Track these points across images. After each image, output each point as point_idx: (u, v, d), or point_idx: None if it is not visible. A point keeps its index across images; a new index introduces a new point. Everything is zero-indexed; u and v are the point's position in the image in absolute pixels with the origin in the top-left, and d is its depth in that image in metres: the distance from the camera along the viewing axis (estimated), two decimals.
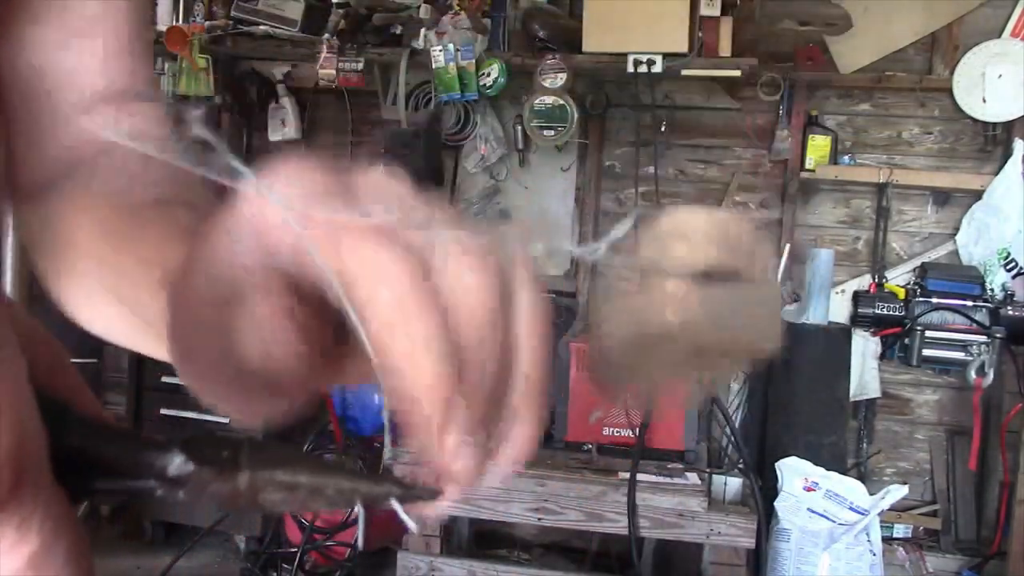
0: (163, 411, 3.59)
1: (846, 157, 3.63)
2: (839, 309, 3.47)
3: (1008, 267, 3.42)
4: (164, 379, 3.59)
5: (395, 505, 0.31)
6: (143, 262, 0.42)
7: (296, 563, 3.04)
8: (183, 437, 0.29)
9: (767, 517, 2.89)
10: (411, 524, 0.31)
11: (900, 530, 3.54)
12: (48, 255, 0.51)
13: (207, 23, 3.73)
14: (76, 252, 0.48)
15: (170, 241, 0.41)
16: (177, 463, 0.28)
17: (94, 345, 3.41)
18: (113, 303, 0.45)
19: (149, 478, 0.29)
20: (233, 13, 3.70)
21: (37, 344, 0.29)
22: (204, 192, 0.48)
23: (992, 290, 3.35)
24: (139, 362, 3.64)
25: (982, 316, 3.26)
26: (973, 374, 3.26)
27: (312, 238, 0.29)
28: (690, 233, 0.35)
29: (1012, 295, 3.31)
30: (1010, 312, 3.23)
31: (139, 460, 0.29)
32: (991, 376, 3.26)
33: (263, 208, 0.29)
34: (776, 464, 3.02)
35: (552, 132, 3.46)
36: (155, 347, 0.42)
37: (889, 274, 3.59)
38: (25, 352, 0.25)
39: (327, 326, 0.32)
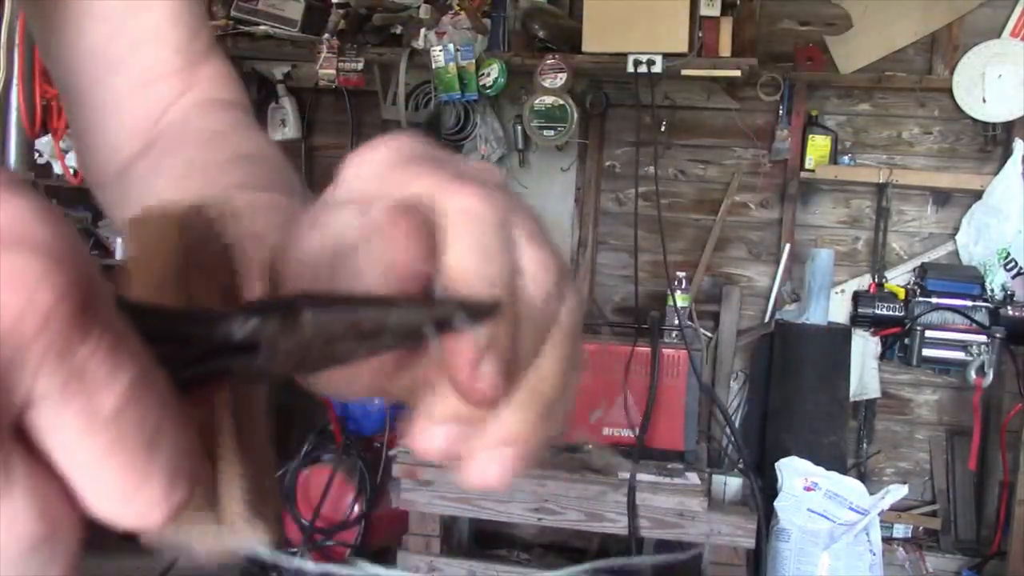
0: None
1: (846, 157, 3.63)
2: (839, 309, 3.47)
3: (1008, 267, 3.42)
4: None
5: (462, 322, 0.30)
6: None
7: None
8: (243, 303, 0.29)
9: (767, 517, 2.89)
10: (467, 329, 0.30)
11: (900, 530, 3.54)
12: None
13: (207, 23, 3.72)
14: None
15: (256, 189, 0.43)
16: (240, 322, 0.28)
17: None
18: None
19: (219, 350, 0.28)
20: (233, 13, 3.70)
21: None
22: (281, 161, 0.50)
23: (992, 290, 3.35)
24: None
25: (982, 316, 3.26)
26: (973, 374, 3.26)
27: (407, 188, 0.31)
28: None
29: (1012, 295, 3.31)
30: (1010, 312, 3.23)
31: (202, 331, 0.28)
32: (991, 376, 3.26)
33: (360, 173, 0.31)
34: (776, 464, 3.02)
35: (552, 132, 3.46)
36: None
37: (889, 274, 3.59)
38: None
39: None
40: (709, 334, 3.68)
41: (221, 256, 0.32)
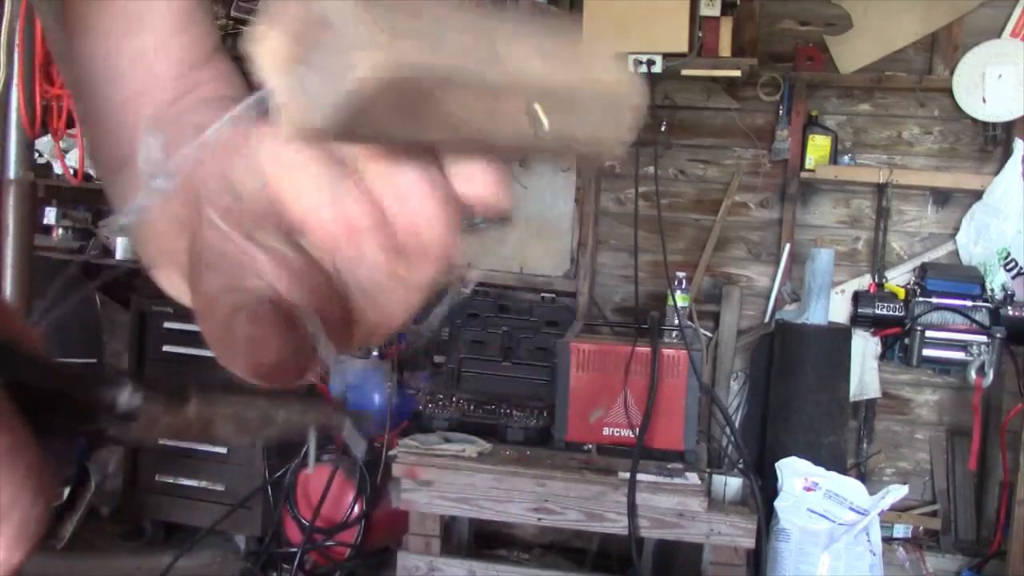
0: None
1: (846, 157, 3.63)
2: (839, 309, 3.47)
3: (1008, 267, 3.41)
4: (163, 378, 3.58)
5: (347, 430, 0.32)
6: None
7: (296, 563, 3.04)
8: (131, 373, 0.30)
9: (767, 517, 2.89)
10: (359, 451, 0.32)
11: (900, 530, 3.54)
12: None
13: None
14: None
15: None
16: (126, 395, 0.29)
17: (94, 345, 3.42)
18: None
19: (100, 413, 0.29)
20: (233, 13, 3.70)
21: None
22: None
23: (992, 290, 3.35)
24: (139, 362, 3.63)
25: (982, 316, 3.25)
26: (973, 374, 3.26)
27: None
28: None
29: (1012, 295, 3.30)
30: (1010, 312, 3.23)
31: (89, 393, 0.29)
32: (991, 376, 3.25)
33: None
34: (776, 464, 3.02)
35: None
36: None
37: (889, 274, 3.59)
38: None
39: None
40: (709, 334, 3.68)
41: None
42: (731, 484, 2.97)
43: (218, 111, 0.53)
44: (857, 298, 3.46)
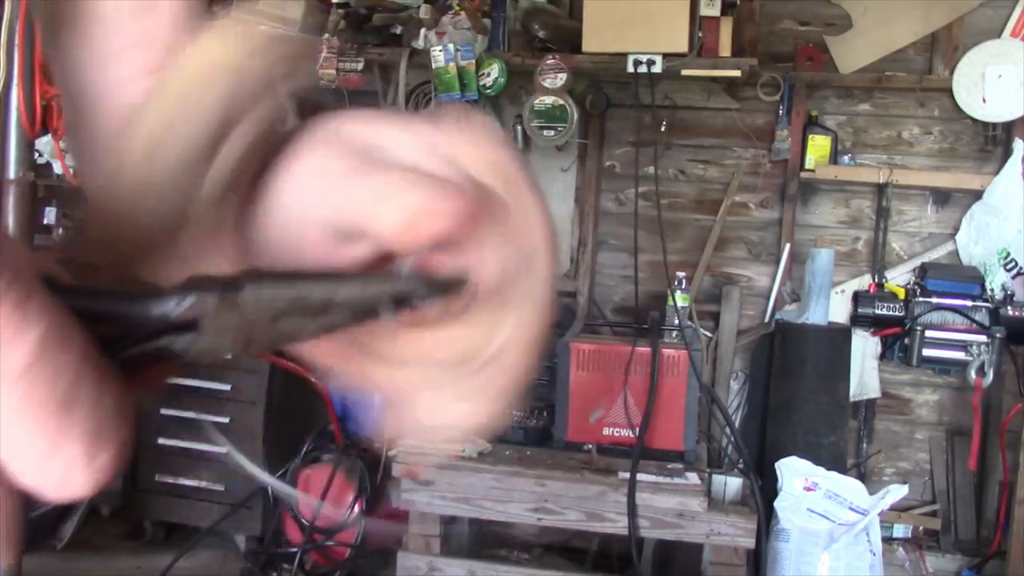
0: (163, 411, 3.59)
1: (846, 157, 3.63)
2: (839, 309, 3.47)
3: (1008, 267, 3.41)
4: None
5: (421, 298, 0.29)
6: None
7: (296, 563, 3.04)
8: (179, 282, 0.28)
9: (767, 517, 2.89)
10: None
11: (900, 530, 3.54)
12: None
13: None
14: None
15: None
16: (177, 299, 0.27)
17: None
18: None
19: (161, 328, 0.27)
20: (233, 13, 3.69)
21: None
22: None
23: (992, 290, 3.35)
24: None
25: (982, 316, 3.25)
26: (973, 374, 3.26)
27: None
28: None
29: (1012, 295, 3.30)
30: (1010, 312, 3.23)
31: (142, 308, 0.27)
32: (991, 376, 3.25)
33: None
34: (776, 464, 3.02)
35: (552, 132, 3.46)
36: None
37: (889, 274, 3.59)
38: None
39: None
40: (709, 334, 3.68)
41: None
42: (731, 484, 2.97)
43: None
44: (857, 298, 3.46)
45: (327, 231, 0.32)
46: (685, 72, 3.41)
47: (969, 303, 3.28)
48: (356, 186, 0.31)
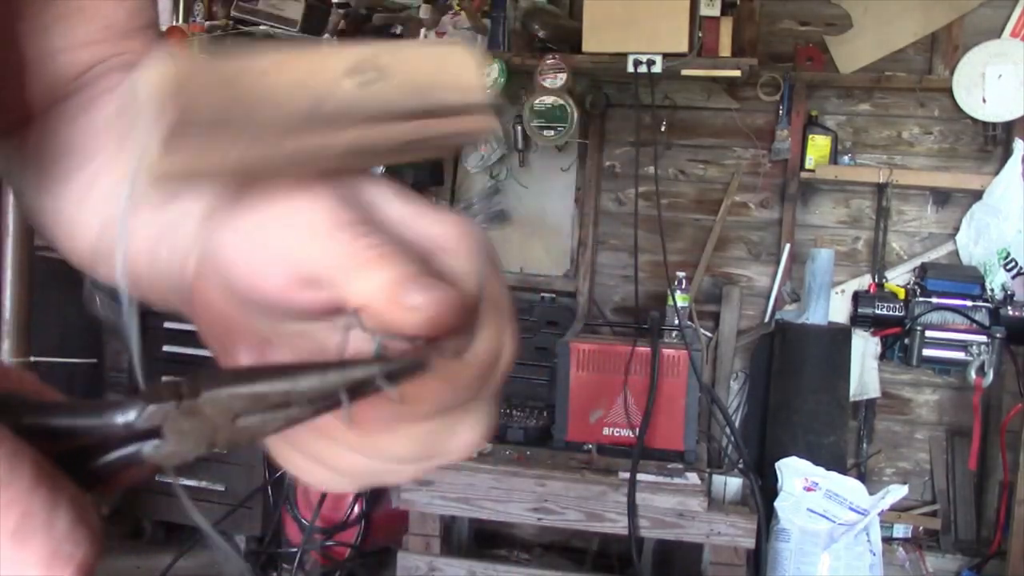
0: None
1: (846, 157, 3.63)
2: (839, 309, 3.47)
3: (1008, 267, 3.41)
4: (164, 379, 3.58)
5: (382, 383, 0.29)
6: None
7: (296, 563, 3.04)
8: (135, 391, 0.29)
9: (767, 517, 2.89)
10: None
11: (900, 530, 3.54)
12: (43, 172, 0.50)
13: (207, 23, 3.73)
14: (83, 155, 0.48)
15: None
16: (138, 409, 0.28)
17: (94, 345, 3.42)
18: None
19: (123, 439, 0.28)
20: (233, 13, 3.70)
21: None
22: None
23: (992, 290, 3.35)
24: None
25: (982, 316, 3.25)
26: (973, 374, 3.26)
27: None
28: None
29: (1012, 295, 3.30)
30: (1010, 312, 3.23)
31: (102, 421, 0.28)
32: (991, 376, 3.25)
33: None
34: (776, 464, 3.02)
35: (552, 132, 3.46)
36: None
37: (889, 274, 3.59)
38: None
39: None
40: (709, 334, 3.68)
41: None
42: (731, 484, 2.97)
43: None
44: (857, 298, 3.46)
45: (293, 277, 0.31)
46: (685, 72, 3.41)
47: (969, 303, 3.28)
48: (340, 241, 0.31)
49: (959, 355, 3.30)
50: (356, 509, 3.13)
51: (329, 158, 0.31)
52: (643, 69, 3.34)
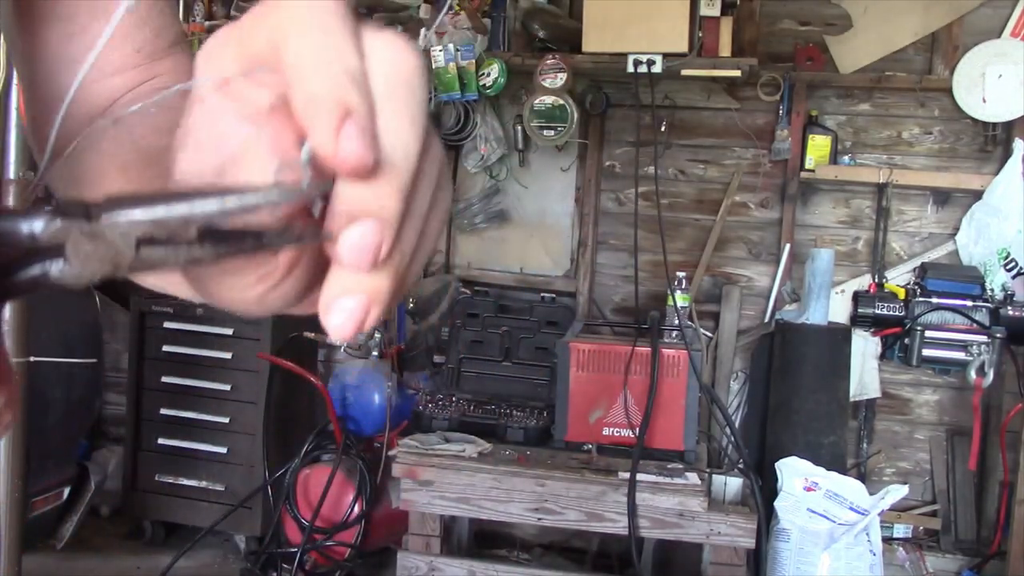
0: (163, 411, 3.60)
1: (846, 157, 3.63)
2: (839, 309, 3.47)
3: (1008, 267, 3.42)
4: (164, 379, 3.59)
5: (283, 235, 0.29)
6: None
7: (296, 563, 3.04)
8: (41, 204, 0.29)
9: (767, 517, 2.89)
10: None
11: (900, 530, 3.54)
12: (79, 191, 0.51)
13: (207, 23, 3.73)
14: (99, 189, 0.48)
15: None
16: (43, 222, 0.28)
17: (94, 345, 3.41)
18: None
19: (31, 251, 0.28)
20: (233, 13, 3.70)
21: None
22: None
23: (992, 290, 3.35)
24: (139, 362, 3.64)
25: (982, 316, 3.25)
26: (973, 374, 3.26)
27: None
28: None
29: (1012, 295, 3.30)
30: (1010, 312, 3.23)
31: (9, 226, 0.28)
32: (991, 376, 3.25)
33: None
34: (776, 464, 3.02)
35: (552, 132, 3.46)
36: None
37: (889, 274, 3.59)
38: None
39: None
40: (709, 334, 3.68)
41: None
42: (731, 484, 2.97)
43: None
44: (857, 298, 3.46)
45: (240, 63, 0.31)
46: (685, 72, 3.41)
47: (969, 303, 3.28)
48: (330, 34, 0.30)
49: (959, 355, 3.30)
50: (356, 509, 3.13)
51: None
52: (643, 69, 3.34)
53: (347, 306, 0.31)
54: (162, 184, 0.40)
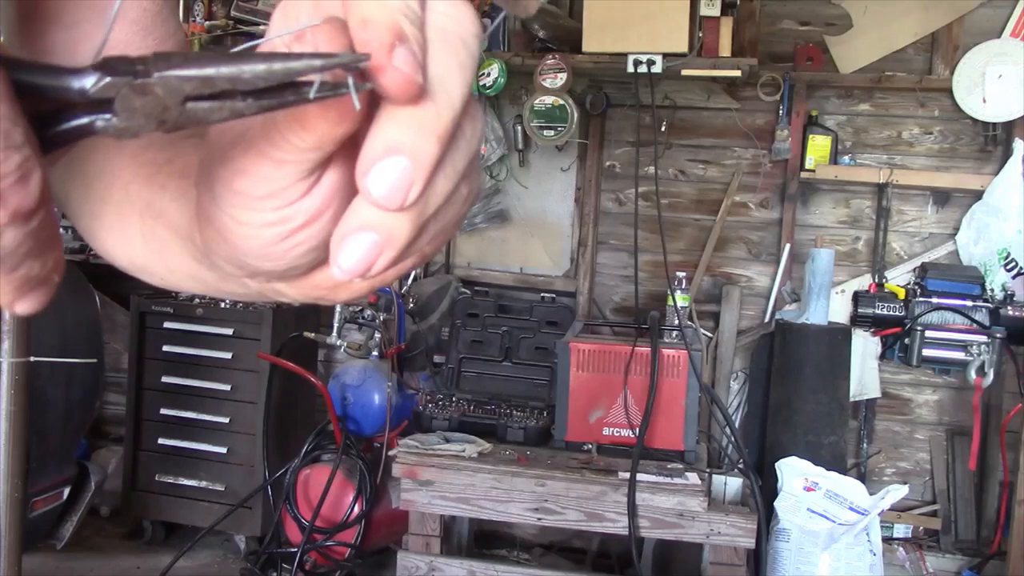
0: (163, 411, 3.60)
1: (846, 157, 3.63)
2: (839, 309, 3.47)
3: (1008, 267, 3.42)
4: (164, 379, 3.59)
5: (317, 75, 0.30)
6: (177, 175, 0.43)
7: (296, 563, 3.04)
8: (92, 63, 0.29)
9: (767, 517, 2.89)
10: (353, 98, 0.30)
11: (900, 530, 3.54)
12: (80, 196, 0.51)
13: (207, 23, 3.73)
14: (111, 180, 0.49)
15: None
16: (94, 79, 0.28)
17: (94, 345, 3.41)
18: (148, 219, 0.45)
19: (81, 105, 0.29)
20: (233, 13, 3.70)
21: None
22: None
23: (992, 290, 3.35)
24: (139, 362, 3.64)
25: (982, 316, 3.25)
26: (973, 374, 3.26)
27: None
28: None
29: (1012, 295, 3.31)
30: (1010, 312, 3.23)
31: (60, 83, 0.28)
32: (991, 376, 3.25)
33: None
34: (776, 464, 3.02)
35: (552, 132, 3.46)
36: (181, 254, 0.42)
37: (889, 274, 3.59)
38: None
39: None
40: (709, 334, 3.68)
41: None
42: (731, 484, 2.97)
43: None
44: (857, 298, 3.46)
45: None
46: (685, 72, 3.41)
47: (969, 303, 3.28)
48: None
49: (959, 355, 3.31)
50: (356, 509, 3.13)
51: None
52: (643, 69, 3.34)
53: (362, 241, 0.31)
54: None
